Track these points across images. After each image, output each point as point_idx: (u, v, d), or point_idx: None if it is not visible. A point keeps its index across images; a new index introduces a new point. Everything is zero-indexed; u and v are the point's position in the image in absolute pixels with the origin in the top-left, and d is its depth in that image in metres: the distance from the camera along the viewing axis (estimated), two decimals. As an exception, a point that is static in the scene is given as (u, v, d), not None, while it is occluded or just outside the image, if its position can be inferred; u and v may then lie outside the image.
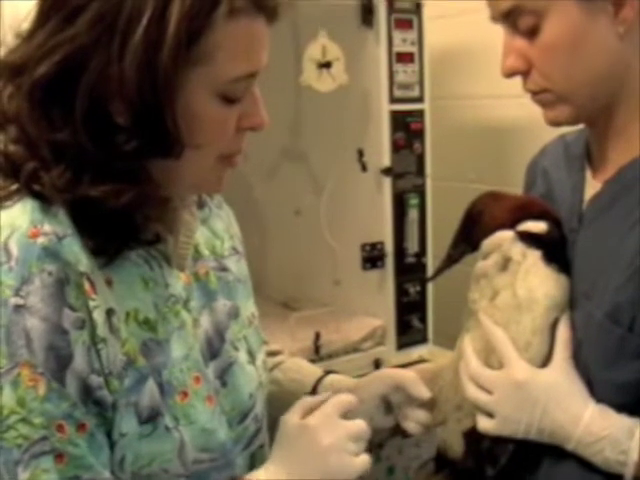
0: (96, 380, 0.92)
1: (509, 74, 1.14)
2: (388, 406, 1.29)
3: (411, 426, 1.28)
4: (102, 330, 0.93)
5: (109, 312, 0.95)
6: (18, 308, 0.88)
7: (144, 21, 0.88)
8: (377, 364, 2.17)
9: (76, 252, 0.92)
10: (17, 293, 0.88)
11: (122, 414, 0.95)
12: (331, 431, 1.07)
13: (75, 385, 0.90)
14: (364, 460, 1.09)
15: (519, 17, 1.09)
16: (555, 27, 1.07)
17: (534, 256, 1.15)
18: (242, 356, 1.15)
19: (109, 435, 0.95)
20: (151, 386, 0.98)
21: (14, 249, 0.89)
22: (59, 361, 0.89)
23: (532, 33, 1.09)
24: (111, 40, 0.89)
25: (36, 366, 0.87)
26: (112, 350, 0.94)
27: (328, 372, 1.38)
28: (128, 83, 0.89)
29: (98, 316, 0.93)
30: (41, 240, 0.90)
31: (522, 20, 1.09)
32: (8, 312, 0.87)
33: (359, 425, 1.10)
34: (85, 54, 0.90)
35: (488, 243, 1.20)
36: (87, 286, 0.92)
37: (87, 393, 0.91)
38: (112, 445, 0.95)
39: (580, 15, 1.06)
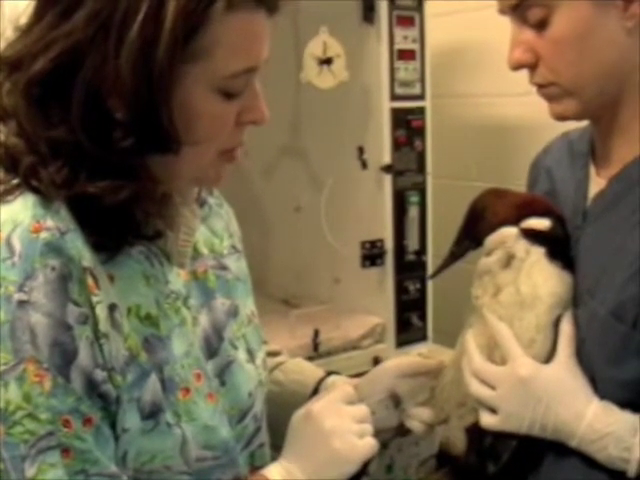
0: (100, 374, 0.92)
1: (516, 67, 1.13)
2: (394, 401, 1.28)
3: (414, 424, 1.28)
4: (104, 325, 0.92)
5: (111, 307, 0.95)
6: (22, 304, 0.87)
7: (140, 17, 0.87)
8: (376, 362, 2.15)
9: (79, 247, 0.91)
10: (21, 289, 0.87)
11: (125, 409, 0.95)
12: (334, 414, 1.09)
13: (80, 380, 0.90)
14: (369, 442, 1.09)
15: (528, 9, 1.09)
16: (565, 20, 1.07)
17: (538, 253, 1.15)
18: (241, 355, 1.15)
19: (112, 430, 0.95)
20: (153, 382, 0.98)
21: (17, 244, 0.89)
22: (64, 356, 0.89)
23: (541, 26, 1.09)
24: (107, 36, 0.88)
25: (41, 362, 0.87)
26: (114, 345, 0.94)
27: (330, 373, 1.38)
28: (124, 80, 0.88)
29: (100, 311, 0.92)
30: (44, 235, 0.89)
31: (531, 12, 1.09)
32: (12, 308, 0.87)
33: (361, 408, 1.12)
34: (81, 50, 0.89)
35: (492, 240, 1.20)
36: (90, 281, 0.92)
37: (92, 388, 0.91)
38: (115, 440, 0.95)
39: (590, 9, 1.06)
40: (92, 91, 0.90)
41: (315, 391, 1.32)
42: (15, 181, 0.94)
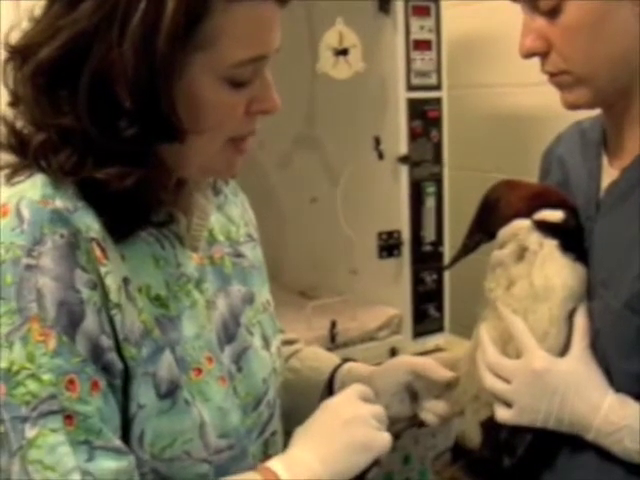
0: (106, 341, 0.92)
1: (527, 55, 1.12)
2: (409, 394, 1.28)
3: (429, 417, 1.28)
4: (116, 296, 0.93)
5: (125, 280, 0.96)
6: (30, 267, 0.88)
7: (142, 6, 0.88)
8: (393, 353, 2.17)
9: (87, 222, 0.92)
10: (29, 254, 0.88)
11: (140, 383, 0.95)
12: (354, 408, 1.09)
13: (85, 344, 0.89)
14: (388, 436, 1.09)
15: None
16: (576, 8, 1.06)
17: (551, 245, 1.14)
18: (256, 341, 1.16)
19: (126, 409, 0.94)
20: (168, 357, 0.98)
21: (25, 213, 0.90)
22: (71, 317, 0.89)
23: (553, 13, 1.07)
24: (111, 25, 0.90)
25: (45, 320, 0.87)
26: (129, 317, 0.94)
27: (346, 360, 1.38)
28: (127, 68, 0.90)
29: (111, 282, 0.93)
30: (51, 206, 0.91)
31: (543, 0, 1.07)
32: (19, 270, 0.88)
33: (378, 408, 1.12)
34: (87, 39, 0.91)
35: (504, 232, 1.19)
36: (98, 252, 0.92)
37: (97, 355, 0.91)
38: (131, 419, 0.95)
39: None
40: (98, 80, 0.91)
41: (331, 378, 1.33)
42: (24, 163, 0.96)
